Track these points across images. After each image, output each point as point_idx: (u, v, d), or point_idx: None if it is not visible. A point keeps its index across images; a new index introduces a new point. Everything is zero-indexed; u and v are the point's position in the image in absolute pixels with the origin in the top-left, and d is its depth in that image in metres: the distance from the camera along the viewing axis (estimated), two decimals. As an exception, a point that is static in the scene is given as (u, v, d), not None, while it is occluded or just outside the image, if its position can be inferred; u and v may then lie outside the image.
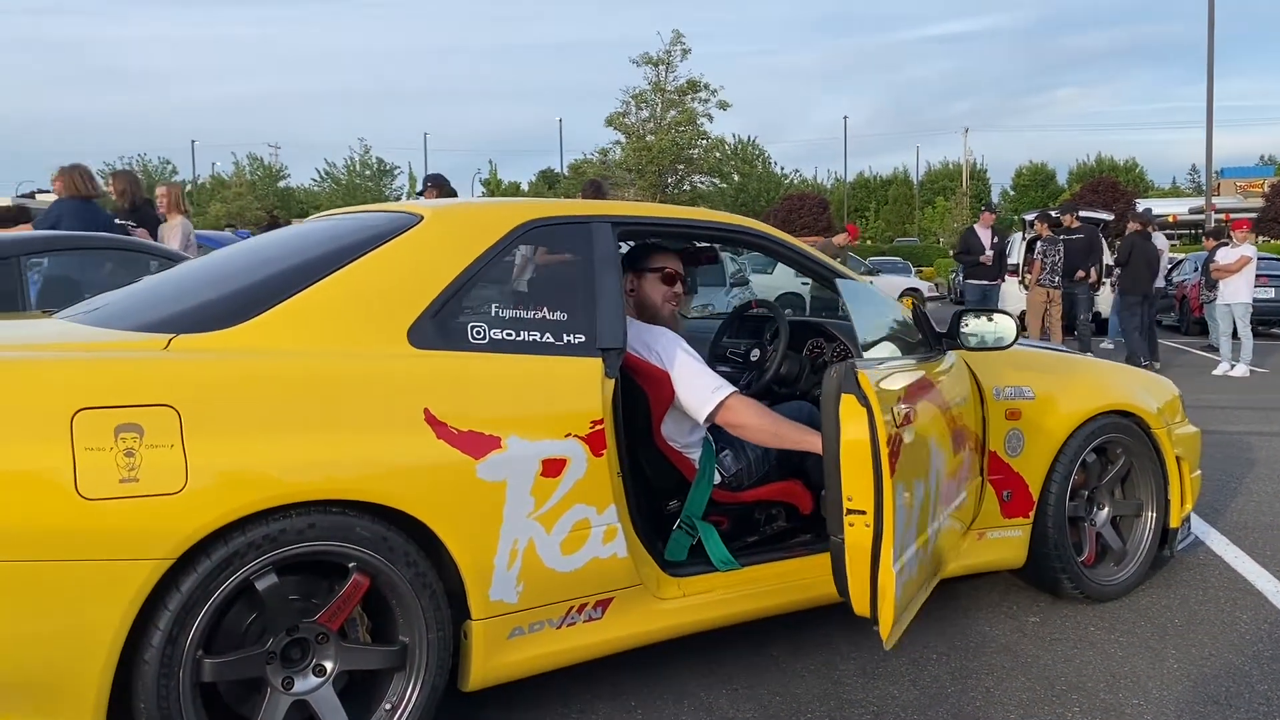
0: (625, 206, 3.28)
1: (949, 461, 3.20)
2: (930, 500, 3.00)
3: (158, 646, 2.21)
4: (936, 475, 3.05)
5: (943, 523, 3.19)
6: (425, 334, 2.64)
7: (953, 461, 3.25)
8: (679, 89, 33.80)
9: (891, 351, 3.21)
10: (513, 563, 2.64)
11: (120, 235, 6.33)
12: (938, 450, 3.08)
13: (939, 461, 3.09)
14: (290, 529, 2.34)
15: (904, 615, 2.81)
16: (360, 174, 50.96)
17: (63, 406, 2.14)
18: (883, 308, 3.42)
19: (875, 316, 3.30)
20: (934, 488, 3.03)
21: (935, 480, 3.04)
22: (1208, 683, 3.22)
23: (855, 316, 3.05)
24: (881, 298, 3.50)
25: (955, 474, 3.30)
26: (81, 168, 6.71)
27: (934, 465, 3.03)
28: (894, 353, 3.21)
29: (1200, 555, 4.53)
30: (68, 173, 6.67)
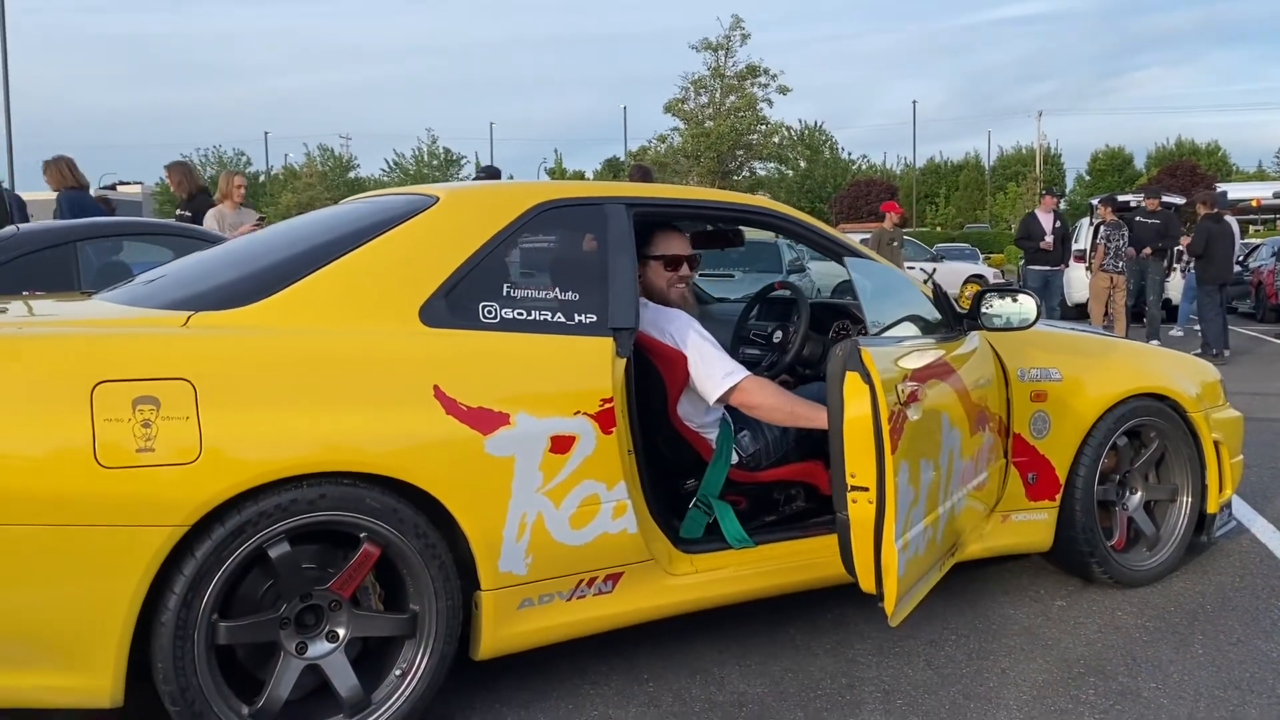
0: (639, 188, 3.32)
1: (966, 442, 3.19)
2: (942, 479, 3.00)
3: (174, 609, 2.32)
4: (950, 455, 3.05)
5: (958, 503, 3.18)
6: (437, 313, 2.71)
7: (971, 442, 3.24)
8: (738, 74, 33.62)
9: (910, 331, 3.21)
10: (521, 535, 2.71)
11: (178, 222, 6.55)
12: (951, 430, 3.07)
13: (953, 441, 3.08)
14: (301, 499, 2.43)
15: (912, 592, 2.82)
16: (428, 164, 51.64)
17: (83, 379, 2.26)
18: (902, 288, 3.41)
19: (893, 297, 3.29)
20: (947, 467, 3.03)
21: (948, 460, 3.04)
22: (1232, 668, 3.17)
23: (871, 297, 3.05)
24: (901, 278, 3.50)
25: (974, 454, 3.28)
26: (67, 159, 6.96)
27: (946, 445, 3.03)
28: (913, 333, 3.21)
29: (1242, 542, 4.44)
30: (54, 165, 6.91)
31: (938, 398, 3.00)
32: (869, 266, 3.27)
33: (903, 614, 2.79)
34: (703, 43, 33.52)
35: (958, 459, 3.13)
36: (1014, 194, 52.57)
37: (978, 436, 3.32)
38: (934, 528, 2.98)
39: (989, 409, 3.45)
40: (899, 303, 3.30)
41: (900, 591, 2.71)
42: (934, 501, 2.96)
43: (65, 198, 6.80)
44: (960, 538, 3.34)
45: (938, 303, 3.49)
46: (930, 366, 3.01)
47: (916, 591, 2.90)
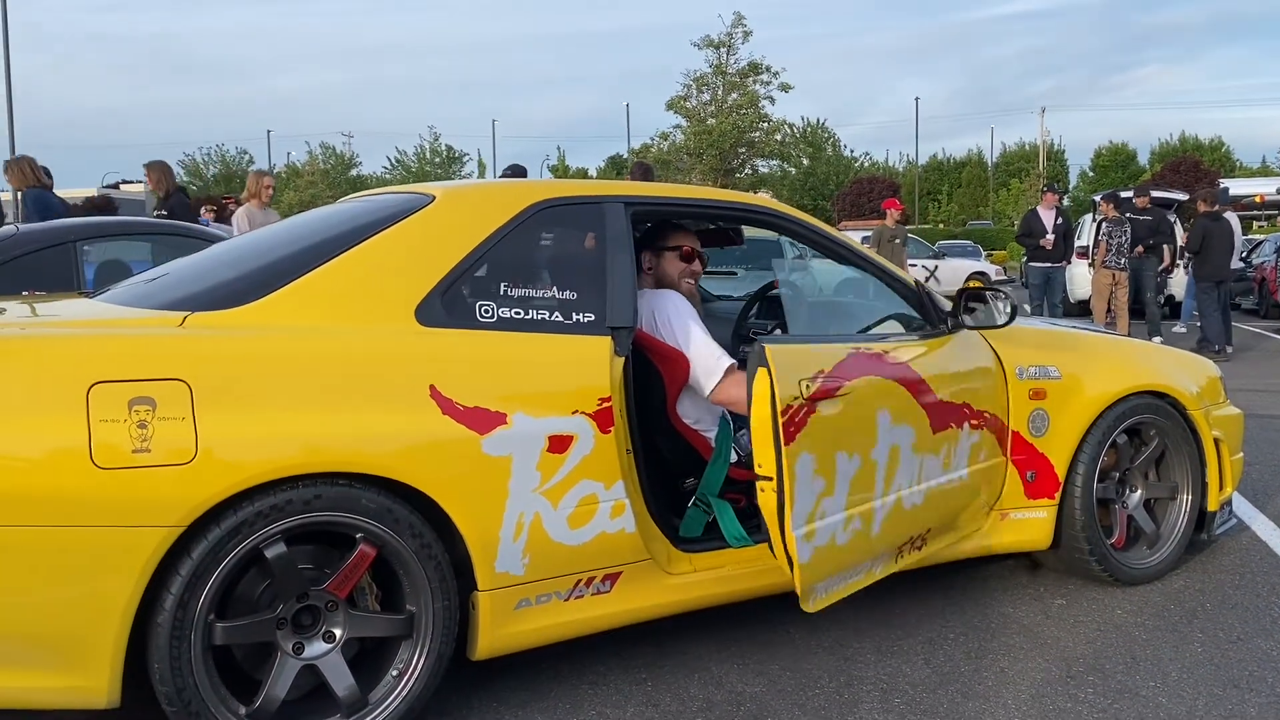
0: (637, 186, 3.31)
1: (924, 437, 3.20)
2: (878, 472, 3.02)
3: (170, 610, 2.32)
4: (891, 449, 3.06)
5: (914, 496, 3.19)
6: (433, 312, 2.71)
7: (935, 439, 3.24)
8: (740, 71, 33.61)
9: (894, 329, 3.30)
10: (518, 536, 2.71)
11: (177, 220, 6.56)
12: (896, 426, 3.08)
13: (897, 436, 3.09)
14: (297, 499, 2.43)
15: (837, 581, 2.91)
16: (430, 162, 51.64)
17: (80, 380, 2.26)
18: (890, 288, 3.50)
19: (881, 297, 3.34)
20: (886, 461, 3.05)
21: (888, 454, 3.05)
22: (1231, 666, 3.16)
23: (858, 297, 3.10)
24: (893, 279, 3.52)
25: (942, 450, 3.28)
26: (28, 159, 7.02)
27: (886, 439, 3.04)
28: (896, 329, 3.29)
29: (1243, 540, 4.43)
30: (16, 165, 6.97)
31: (871, 393, 3.02)
32: (861, 265, 3.30)
33: (822, 602, 2.87)
34: (704, 40, 33.58)
35: (908, 454, 3.14)
36: (1017, 191, 52.54)
37: (948, 433, 3.31)
38: (864, 520, 2.99)
39: (974, 406, 3.44)
40: (885, 302, 3.38)
41: (810, 579, 2.79)
42: (862, 494, 2.98)
43: (30, 196, 6.86)
44: (930, 533, 3.34)
45: (920, 302, 3.49)
46: (861, 362, 3.03)
47: (848, 582, 2.97)
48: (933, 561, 3.54)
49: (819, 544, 2.82)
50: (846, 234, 3.64)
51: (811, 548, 2.79)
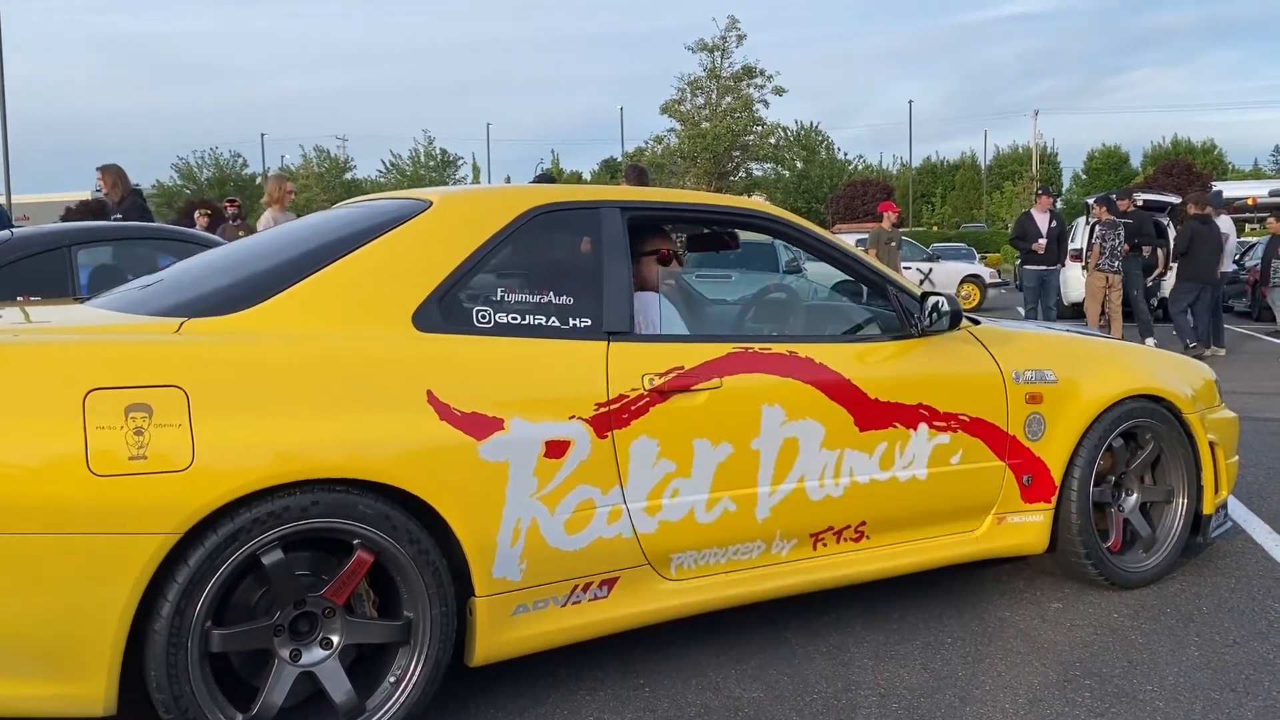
0: (633, 192, 3.32)
1: (838, 434, 3.24)
2: (756, 461, 3.10)
3: (166, 617, 2.31)
4: (784, 441, 3.14)
5: (823, 490, 3.23)
6: (430, 317, 2.71)
7: (857, 435, 3.27)
8: (734, 75, 33.66)
9: (874, 330, 3.55)
10: (516, 541, 2.70)
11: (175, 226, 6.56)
12: (790, 419, 3.14)
13: (795, 430, 3.15)
14: (294, 506, 2.42)
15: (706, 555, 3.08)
16: (424, 165, 51.60)
17: (76, 386, 2.25)
18: (871, 292, 3.64)
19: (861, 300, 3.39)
20: (770, 452, 3.12)
21: (776, 445, 3.12)
22: (1228, 670, 3.17)
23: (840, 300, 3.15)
24: (876, 281, 3.56)
25: (868, 447, 3.30)
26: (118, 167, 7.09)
27: (773, 431, 3.12)
28: (875, 331, 3.52)
29: (1238, 543, 4.44)
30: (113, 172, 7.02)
31: (756, 389, 3.11)
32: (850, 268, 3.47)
33: (694, 572, 3.05)
34: (698, 44, 33.57)
35: (812, 448, 3.19)
36: (1010, 193, 52.59)
37: (887, 432, 3.33)
38: (741, 503, 3.09)
39: (938, 408, 3.44)
40: (865, 306, 3.54)
41: (661, 548, 2.96)
42: (736, 479, 3.07)
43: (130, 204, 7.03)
44: (869, 526, 3.38)
45: (894, 306, 3.51)
46: (743, 362, 3.11)
47: (735, 558, 3.12)
48: (928, 565, 3.54)
49: (668, 518, 2.96)
50: (840, 238, 3.64)
51: (657, 521, 2.94)
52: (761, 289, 4.29)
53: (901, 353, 3.44)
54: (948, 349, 3.53)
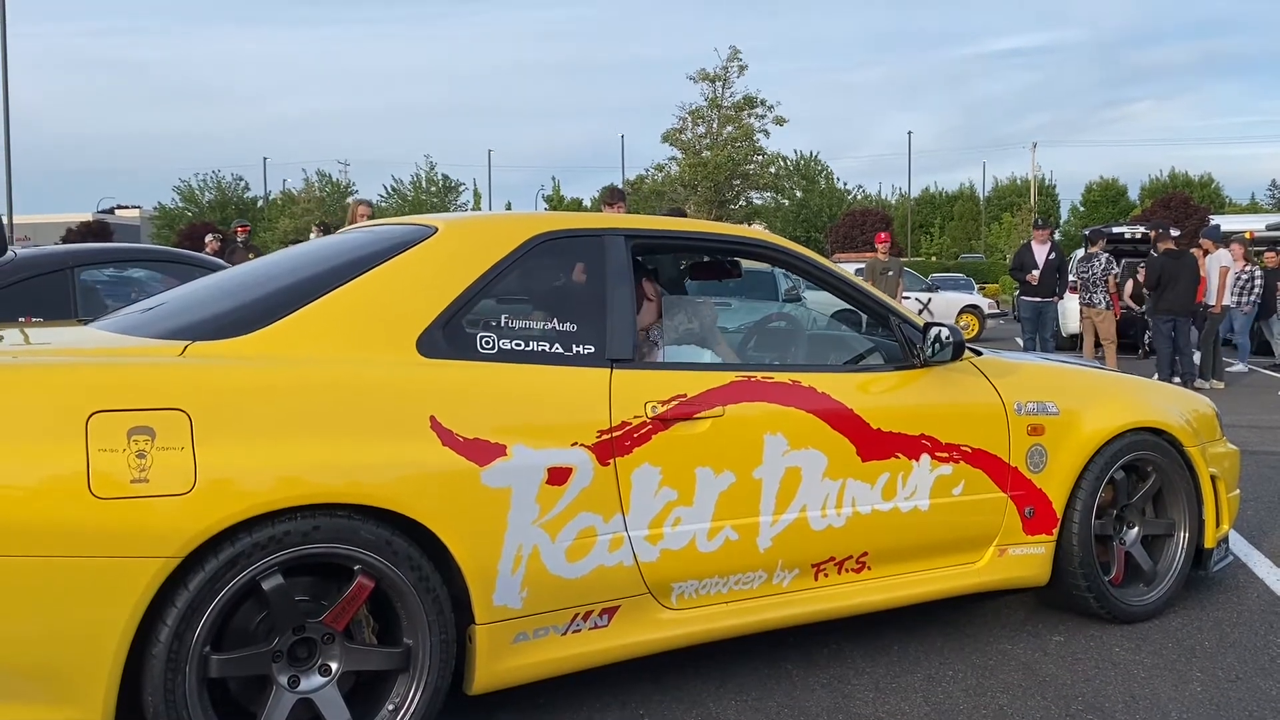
0: (638, 219, 3.34)
1: (840, 463, 3.23)
2: (759, 490, 3.10)
3: (165, 642, 2.30)
4: (786, 470, 3.13)
5: (825, 519, 3.23)
6: (434, 343, 2.71)
7: (859, 465, 3.27)
8: (735, 105, 33.86)
9: (876, 360, 3.56)
10: (517, 568, 2.69)
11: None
12: (792, 449, 3.14)
13: (797, 459, 3.15)
14: (295, 531, 2.41)
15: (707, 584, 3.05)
16: (426, 190, 51.72)
17: (79, 409, 2.25)
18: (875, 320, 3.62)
19: (868, 328, 3.51)
20: (773, 481, 3.11)
21: (778, 474, 3.12)
22: (1231, 706, 3.15)
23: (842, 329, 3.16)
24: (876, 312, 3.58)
25: (870, 477, 3.30)
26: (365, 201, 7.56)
27: (776, 460, 3.12)
28: (878, 361, 3.55)
29: (1240, 578, 4.42)
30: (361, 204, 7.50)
31: (758, 418, 3.10)
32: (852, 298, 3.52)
33: (694, 602, 3.03)
34: (700, 74, 33.80)
35: (815, 477, 3.19)
36: (1009, 224, 52.80)
37: (890, 462, 3.33)
38: (743, 532, 3.08)
39: (941, 439, 3.43)
40: (867, 335, 3.58)
41: (662, 577, 2.94)
42: (738, 508, 3.06)
43: None
44: (871, 557, 3.36)
45: (897, 337, 3.52)
46: (747, 390, 3.11)
47: (736, 588, 3.10)
48: (929, 597, 3.53)
49: (670, 547, 2.94)
50: (841, 267, 3.65)
51: (658, 549, 2.91)
52: (763, 317, 4.30)
53: (904, 383, 3.44)
54: (950, 379, 3.53)
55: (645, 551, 2.91)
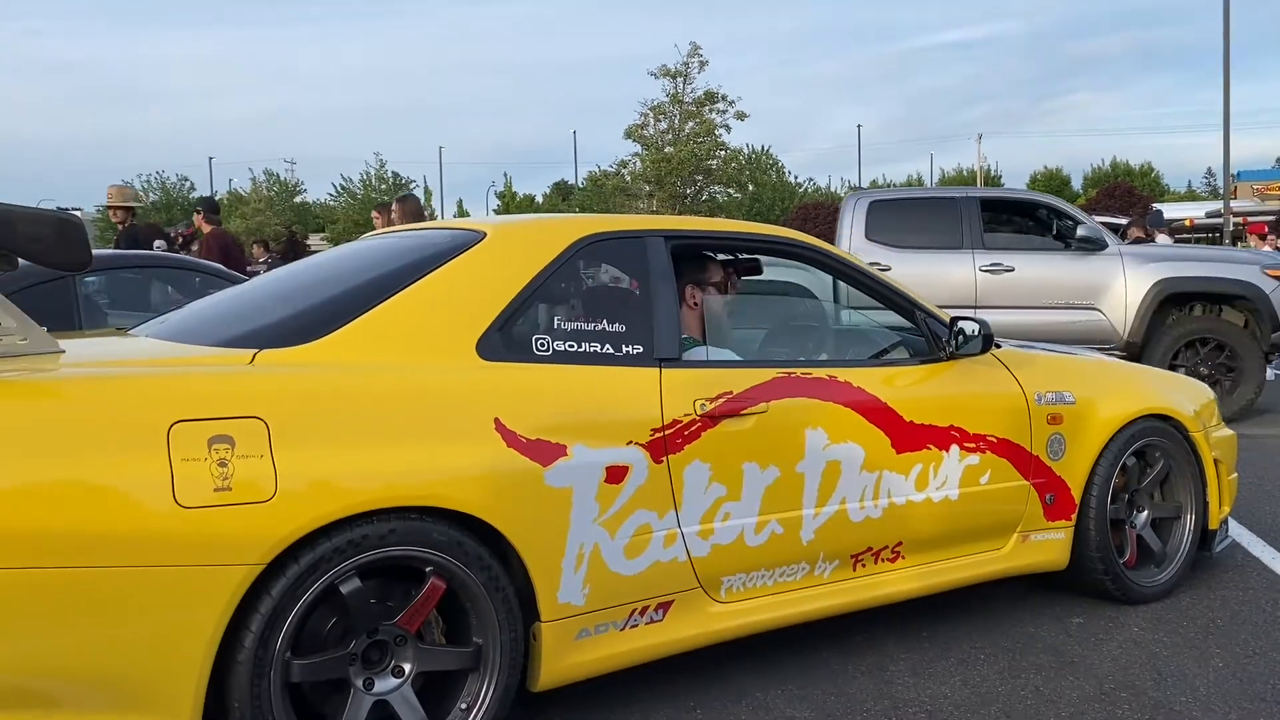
0: (676, 220, 3.40)
1: (877, 456, 3.31)
2: (802, 484, 3.17)
3: (250, 648, 2.31)
4: (827, 464, 3.21)
5: (864, 511, 3.31)
6: (493, 346, 2.74)
7: (895, 457, 3.35)
8: (697, 101, 33.98)
9: (901, 354, 3.62)
10: (579, 566, 2.73)
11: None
12: (832, 443, 3.22)
13: (837, 453, 3.23)
14: (373, 534, 2.43)
15: (753, 577, 3.12)
16: (376, 188, 51.22)
17: (160, 419, 2.25)
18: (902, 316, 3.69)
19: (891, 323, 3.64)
20: (815, 474, 3.18)
21: (820, 468, 3.19)
22: (1254, 680, 3.27)
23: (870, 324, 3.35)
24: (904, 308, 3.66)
25: (905, 469, 3.38)
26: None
27: (817, 454, 3.19)
28: (904, 355, 3.60)
29: (1238, 557, 4.58)
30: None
31: (800, 413, 3.17)
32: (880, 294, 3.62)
33: (742, 595, 3.10)
34: (661, 70, 33.82)
35: (853, 470, 3.26)
36: (958, 215, 53.47)
37: (922, 454, 3.42)
38: (788, 525, 3.15)
39: (970, 430, 3.53)
40: (899, 329, 3.66)
41: (712, 571, 3.01)
42: (783, 502, 3.12)
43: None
44: (905, 546, 3.44)
45: (923, 331, 3.62)
46: (788, 386, 3.17)
47: (780, 580, 3.17)
48: (958, 584, 3.62)
49: (720, 541, 3.01)
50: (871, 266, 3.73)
51: (709, 544, 2.98)
52: (788, 314, 4.37)
53: (932, 375, 3.53)
54: (975, 372, 3.62)
55: (697, 547, 2.96)
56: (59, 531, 2.14)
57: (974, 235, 8.36)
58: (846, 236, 8.56)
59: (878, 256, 8.13)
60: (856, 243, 8.47)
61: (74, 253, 2.59)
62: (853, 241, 8.50)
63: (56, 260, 2.61)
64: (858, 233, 8.53)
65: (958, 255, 8.31)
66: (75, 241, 2.58)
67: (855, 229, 8.54)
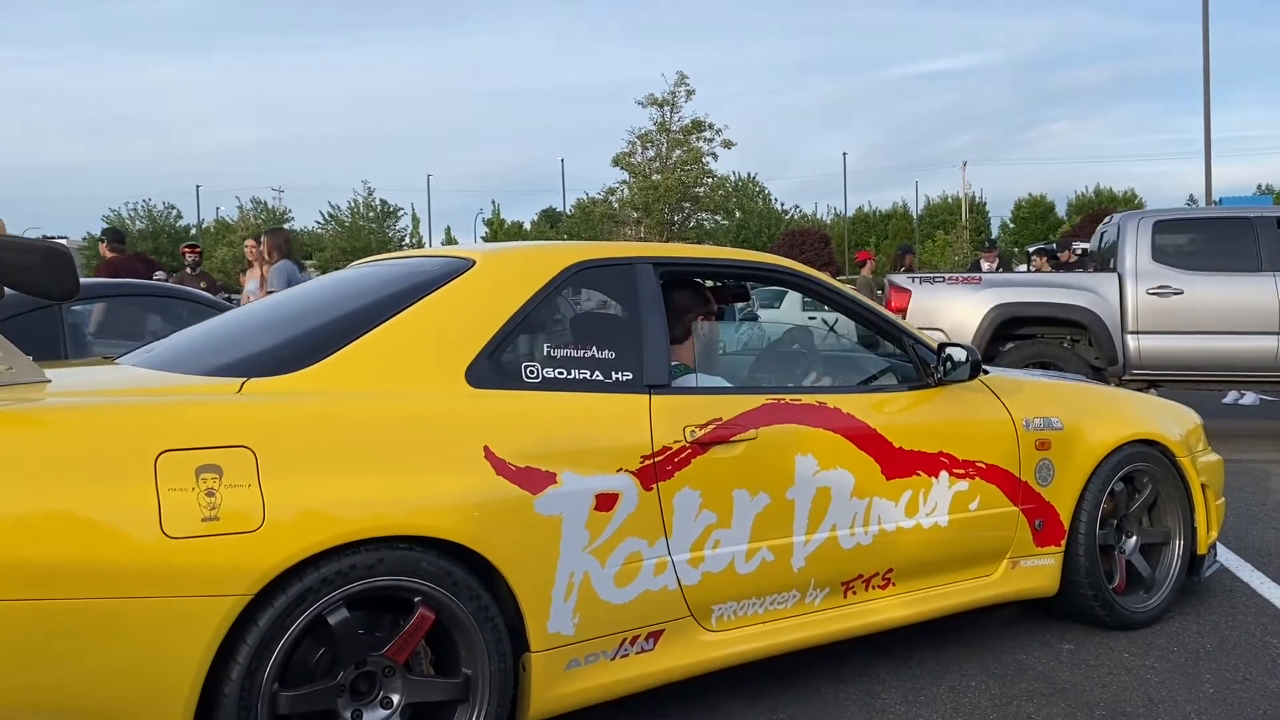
0: (665, 248, 3.41)
1: (866, 482, 3.31)
2: (792, 511, 3.16)
3: (237, 680, 2.28)
4: (817, 491, 3.20)
5: (854, 538, 3.30)
6: (482, 374, 2.74)
7: (884, 484, 3.35)
8: (684, 129, 34.16)
9: (890, 380, 3.65)
10: (569, 595, 2.72)
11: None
12: (822, 469, 3.22)
13: (827, 479, 3.23)
14: (360, 564, 2.42)
15: (744, 605, 3.11)
16: (364, 216, 51.22)
17: (148, 449, 2.24)
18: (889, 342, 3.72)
19: (879, 350, 3.66)
20: (805, 501, 3.18)
21: (810, 494, 3.19)
22: (1244, 706, 3.27)
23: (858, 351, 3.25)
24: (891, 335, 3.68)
25: (895, 495, 3.38)
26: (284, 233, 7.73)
27: (807, 481, 3.18)
28: (891, 381, 3.64)
29: (1226, 582, 4.59)
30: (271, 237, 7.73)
31: (789, 440, 3.17)
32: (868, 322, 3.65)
33: (733, 624, 3.08)
34: (648, 98, 34.02)
35: (843, 497, 3.26)
36: (942, 242, 53.83)
37: (912, 480, 3.42)
38: (778, 553, 3.14)
39: (959, 456, 3.53)
40: (886, 356, 3.67)
41: (702, 599, 2.99)
42: (773, 529, 3.12)
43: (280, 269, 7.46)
44: (895, 573, 3.44)
45: (910, 357, 3.63)
46: (778, 413, 3.17)
47: (772, 608, 3.16)
48: (949, 610, 3.61)
49: (710, 569, 2.99)
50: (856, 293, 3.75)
51: (700, 572, 2.96)
52: (776, 339, 4.38)
53: (921, 402, 3.54)
54: (963, 398, 3.63)
55: (688, 575, 2.95)
56: (45, 563, 2.11)
57: (1273, 256, 8.17)
58: (1130, 257, 8.39)
59: (1167, 279, 8.04)
60: (1143, 264, 8.33)
61: (61, 281, 2.58)
62: (1138, 262, 8.34)
63: (44, 289, 2.60)
64: (1143, 254, 8.36)
65: (1257, 278, 8.16)
66: (62, 270, 2.57)
67: (1140, 250, 8.37)
